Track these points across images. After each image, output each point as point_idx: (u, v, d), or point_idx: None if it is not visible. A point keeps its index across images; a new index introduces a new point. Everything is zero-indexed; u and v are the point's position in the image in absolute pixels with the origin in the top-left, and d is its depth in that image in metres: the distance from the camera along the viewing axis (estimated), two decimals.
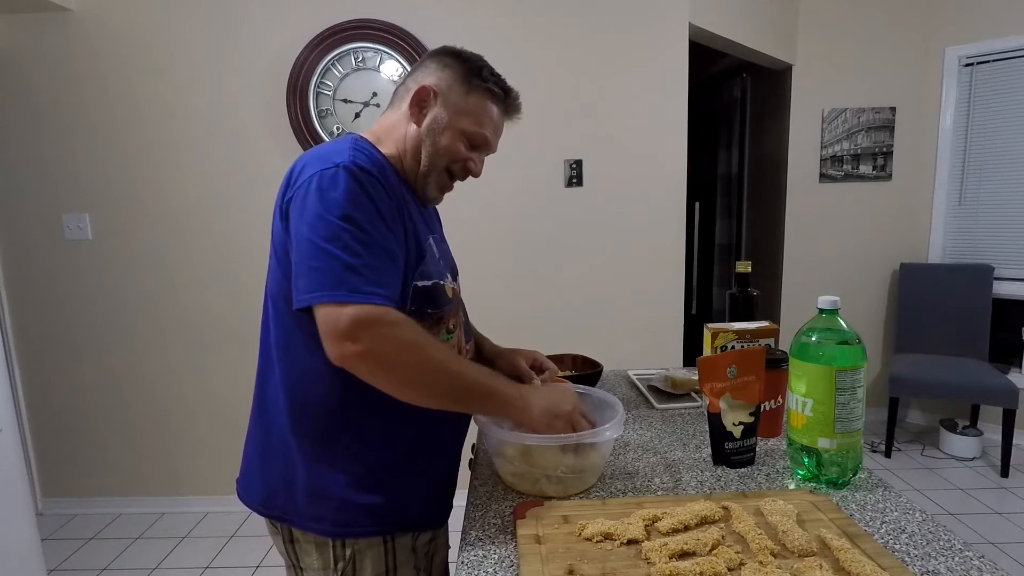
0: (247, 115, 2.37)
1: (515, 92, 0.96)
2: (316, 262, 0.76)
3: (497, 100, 0.94)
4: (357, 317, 0.74)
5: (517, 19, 2.34)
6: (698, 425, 1.16)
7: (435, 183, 0.93)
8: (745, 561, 0.67)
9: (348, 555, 0.87)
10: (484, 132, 0.93)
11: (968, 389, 2.76)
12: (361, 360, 0.76)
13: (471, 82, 0.91)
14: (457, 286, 1.01)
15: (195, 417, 2.54)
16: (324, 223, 0.77)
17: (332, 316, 0.75)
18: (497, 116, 0.95)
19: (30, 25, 2.30)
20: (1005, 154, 3.02)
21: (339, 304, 0.74)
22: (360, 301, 0.75)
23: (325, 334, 0.76)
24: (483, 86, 0.91)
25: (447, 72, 0.91)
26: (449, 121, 0.90)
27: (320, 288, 0.76)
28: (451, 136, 0.91)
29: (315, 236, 0.77)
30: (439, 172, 0.92)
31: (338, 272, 0.75)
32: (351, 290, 0.75)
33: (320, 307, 0.76)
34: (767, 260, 3.55)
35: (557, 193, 2.45)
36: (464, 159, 0.93)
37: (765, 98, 3.54)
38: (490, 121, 0.93)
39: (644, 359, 2.31)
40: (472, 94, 0.91)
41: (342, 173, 0.79)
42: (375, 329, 0.75)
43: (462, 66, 0.92)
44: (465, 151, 0.93)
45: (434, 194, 0.95)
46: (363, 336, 0.74)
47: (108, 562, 2.24)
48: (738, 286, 1.31)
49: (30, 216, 2.42)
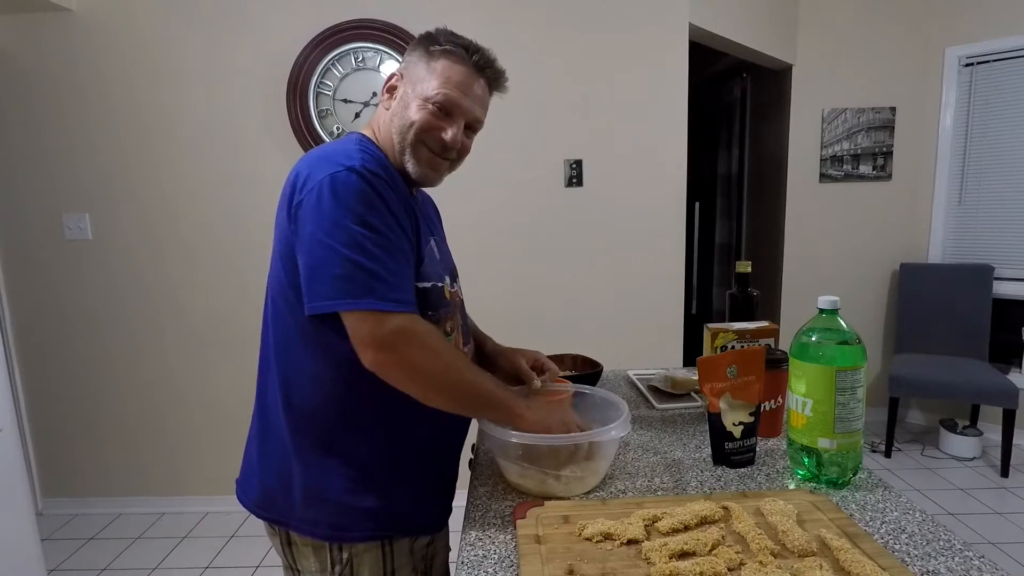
0: (247, 115, 2.37)
1: (482, 50, 0.90)
2: (338, 268, 0.76)
3: (459, 60, 0.88)
4: (396, 327, 0.77)
5: (517, 19, 2.34)
6: (698, 425, 1.16)
7: (414, 159, 0.89)
8: (745, 561, 0.67)
9: (345, 559, 0.87)
10: (447, 92, 0.87)
11: (968, 389, 2.75)
12: (395, 368, 0.79)
13: (430, 51, 0.89)
14: (457, 288, 1.00)
15: (195, 417, 2.54)
16: (341, 228, 0.77)
17: (370, 325, 0.77)
18: (464, 75, 0.88)
19: (30, 25, 2.30)
20: (1005, 154, 3.02)
21: (376, 313, 0.77)
22: (395, 310, 0.77)
23: (362, 341, 0.78)
24: (439, 50, 0.88)
25: (410, 55, 0.92)
26: (413, 93, 0.89)
27: (346, 296, 0.76)
28: (416, 107, 0.87)
29: (334, 242, 0.77)
30: (413, 146, 0.88)
31: (363, 279, 0.76)
32: (379, 298, 0.77)
33: (351, 314, 0.78)
34: (767, 260, 3.55)
35: (557, 193, 2.45)
36: (436, 128, 0.88)
37: (765, 98, 3.54)
38: (454, 82, 0.88)
39: (644, 359, 2.31)
40: (433, 62, 0.88)
41: (354, 176, 0.79)
42: (411, 339, 0.78)
43: (421, 42, 0.91)
44: (435, 120, 0.88)
45: (422, 170, 0.90)
46: (400, 345, 0.78)
47: (108, 562, 2.24)
48: (738, 286, 1.31)
49: (30, 216, 2.42)
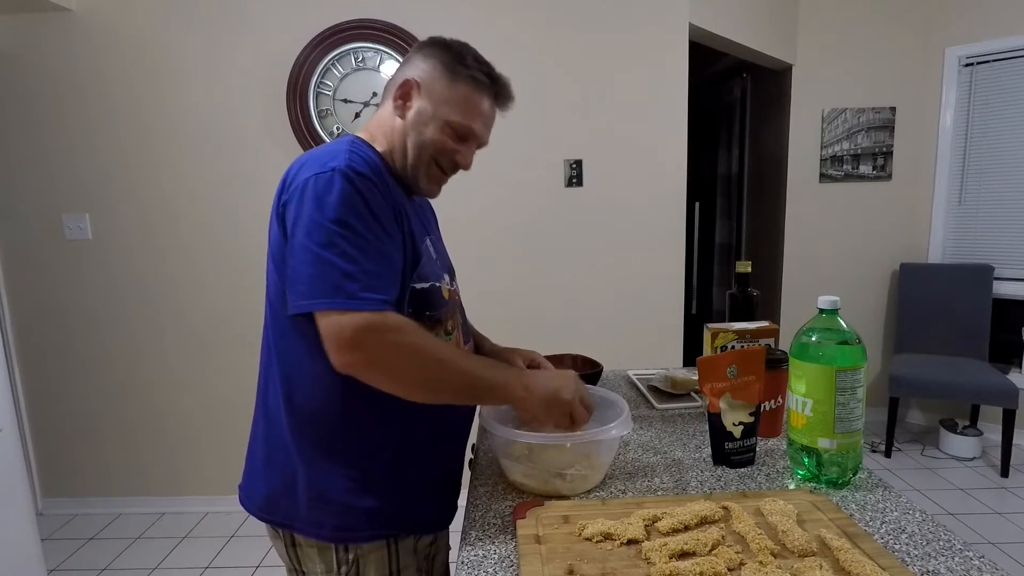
0: (247, 115, 2.37)
1: (503, 79, 0.92)
2: (313, 268, 0.76)
3: (484, 89, 0.90)
4: (359, 325, 0.74)
5: (517, 19, 2.34)
6: (698, 425, 1.16)
7: (425, 176, 0.91)
8: (745, 561, 0.67)
9: (351, 559, 0.87)
10: (470, 124, 0.89)
11: (968, 389, 2.75)
12: (367, 368, 0.77)
13: (455, 70, 0.88)
14: (454, 287, 1.00)
15: (195, 417, 2.54)
16: (320, 228, 0.76)
17: (335, 325, 0.75)
18: (486, 107, 0.91)
19: (30, 25, 2.30)
20: (1005, 154, 3.02)
21: (339, 312, 0.74)
22: (359, 308, 0.75)
23: (329, 343, 0.76)
24: (466, 74, 0.88)
25: (430, 62, 0.90)
26: (433, 112, 0.88)
27: (318, 295, 0.75)
28: (436, 128, 0.88)
29: (311, 242, 0.76)
30: (427, 165, 0.90)
31: (335, 279, 0.75)
32: (348, 296, 0.75)
33: (321, 315, 0.76)
34: (767, 260, 3.55)
35: (557, 193, 2.45)
36: (451, 151, 0.90)
37: (765, 98, 3.54)
38: (478, 112, 0.90)
39: (644, 359, 2.31)
40: (456, 83, 0.88)
41: (337, 177, 0.78)
42: (379, 336, 0.75)
43: (445, 55, 0.89)
44: (452, 143, 0.90)
45: (427, 186, 0.93)
46: (367, 344, 0.75)
47: (108, 562, 2.24)
48: (738, 286, 1.31)
49: (30, 216, 2.42)
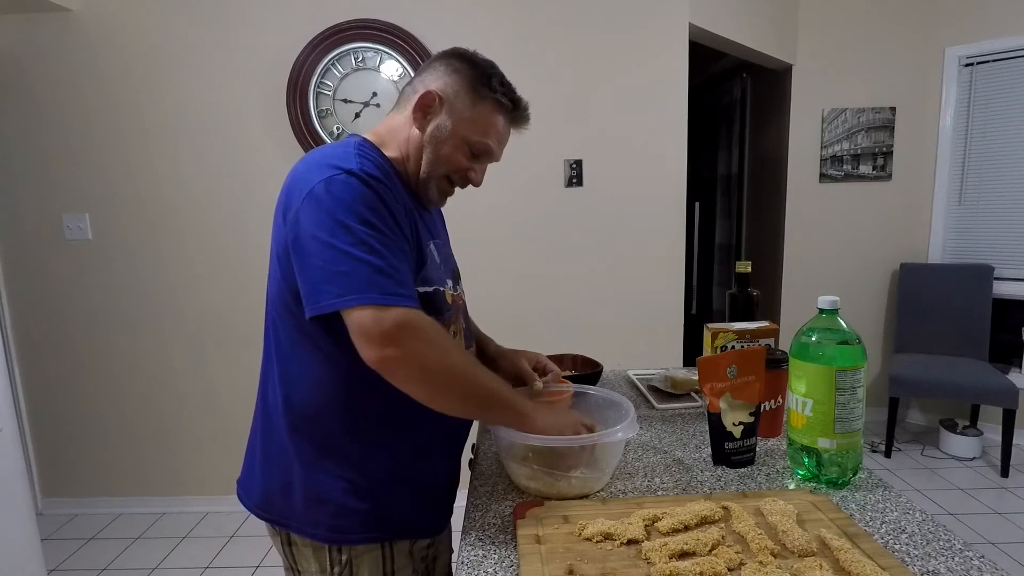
0: (247, 115, 2.37)
1: (525, 103, 0.94)
2: (342, 267, 0.75)
3: (504, 111, 0.91)
4: (397, 321, 0.74)
5: (517, 19, 2.34)
6: (698, 425, 1.16)
7: (435, 189, 0.92)
8: (745, 561, 0.67)
9: (345, 560, 0.87)
10: (487, 142, 0.91)
11: (968, 389, 2.75)
12: (400, 364, 0.76)
13: (479, 91, 0.89)
14: (459, 292, 1.00)
15: (195, 417, 2.54)
16: (345, 228, 0.76)
17: (370, 319, 0.74)
18: (503, 127, 0.92)
19: (30, 25, 2.30)
20: (1005, 154, 3.02)
21: (375, 308, 0.74)
22: (396, 304, 0.75)
23: (361, 337, 0.75)
24: (491, 96, 0.89)
25: (455, 78, 0.89)
26: (452, 129, 0.89)
27: (350, 292, 0.75)
28: (453, 145, 0.89)
29: (337, 241, 0.75)
30: (439, 179, 0.91)
31: (366, 275, 0.75)
32: (382, 292, 0.74)
33: (354, 310, 0.75)
34: (767, 260, 3.55)
35: (557, 193, 2.45)
36: (465, 169, 0.92)
37: (765, 98, 3.54)
38: (495, 132, 0.91)
39: (644, 359, 2.31)
40: (479, 103, 0.89)
41: (354, 179, 0.78)
42: (417, 332, 0.75)
43: (471, 72, 0.89)
44: (467, 161, 0.91)
45: (435, 198, 0.94)
46: (403, 339, 0.75)
47: (108, 562, 2.24)
48: (738, 286, 1.31)
49: (30, 216, 2.42)
